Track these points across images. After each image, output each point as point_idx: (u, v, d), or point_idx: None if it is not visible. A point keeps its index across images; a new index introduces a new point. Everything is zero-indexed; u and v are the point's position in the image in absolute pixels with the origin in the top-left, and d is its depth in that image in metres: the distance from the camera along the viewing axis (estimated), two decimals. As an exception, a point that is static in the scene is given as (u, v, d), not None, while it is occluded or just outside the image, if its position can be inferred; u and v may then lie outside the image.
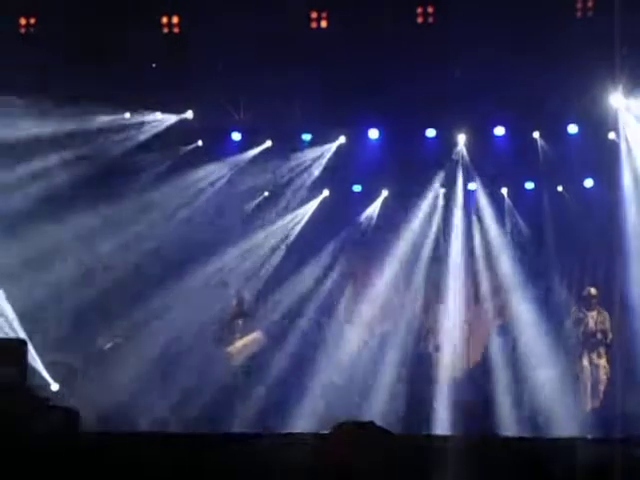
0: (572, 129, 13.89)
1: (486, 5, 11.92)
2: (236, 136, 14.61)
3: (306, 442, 2.31)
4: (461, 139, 14.40)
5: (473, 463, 5.74)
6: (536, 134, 14.15)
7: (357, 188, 15.53)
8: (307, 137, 14.53)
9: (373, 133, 14.39)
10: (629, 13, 11.03)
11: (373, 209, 15.49)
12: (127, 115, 14.10)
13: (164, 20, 12.52)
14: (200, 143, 14.72)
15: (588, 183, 14.76)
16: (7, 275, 12.90)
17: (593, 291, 13.16)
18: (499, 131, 14.09)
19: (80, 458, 2.04)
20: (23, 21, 12.60)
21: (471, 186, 15.01)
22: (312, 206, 15.31)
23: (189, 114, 14.23)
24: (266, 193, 15.34)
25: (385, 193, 15.48)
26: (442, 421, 11.75)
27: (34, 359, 12.07)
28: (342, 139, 14.64)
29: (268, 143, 14.64)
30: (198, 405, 12.55)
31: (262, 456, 7.01)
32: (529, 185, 15.16)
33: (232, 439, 8.33)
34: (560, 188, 14.90)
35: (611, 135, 13.79)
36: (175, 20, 12.56)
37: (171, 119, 14.23)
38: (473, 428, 10.70)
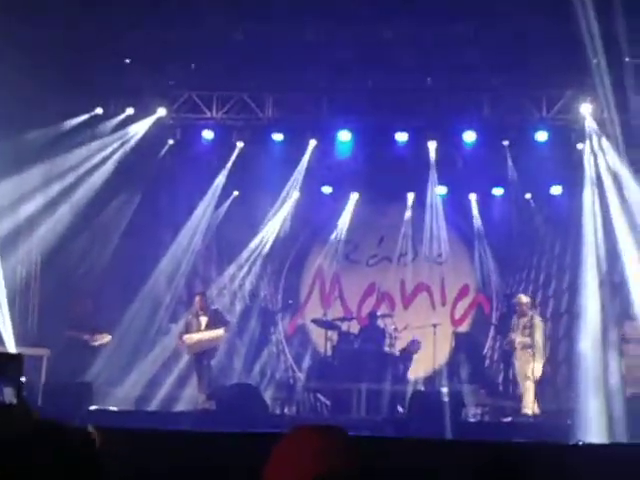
0: (541, 137, 13.94)
1: (457, 12, 11.86)
2: (208, 134, 14.51)
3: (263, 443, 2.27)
4: (431, 144, 14.38)
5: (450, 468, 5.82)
6: (505, 142, 14.20)
7: (327, 190, 15.60)
8: (279, 138, 14.42)
9: (344, 135, 14.35)
10: (600, 22, 11.11)
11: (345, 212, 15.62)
12: (99, 110, 14.08)
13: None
14: (171, 142, 14.70)
15: (556, 190, 14.89)
16: None
17: (523, 298, 13.40)
18: (469, 137, 14.12)
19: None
20: None
21: (440, 190, 15.10)
22: (285, 209, 15.36)
23: (162, 111, 14.18)
24: (236, 193, 15.38)
25: (356, 196, 15.56)
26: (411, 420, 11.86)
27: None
28: (313, 143, 14.54)
29: (240, 144, 14.64)
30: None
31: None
32: (497, 191, 15.30)
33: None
34: (528, 195, 15.04)
35: (579, 145, 13.91)
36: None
37: (151, 119, 14.19)
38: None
